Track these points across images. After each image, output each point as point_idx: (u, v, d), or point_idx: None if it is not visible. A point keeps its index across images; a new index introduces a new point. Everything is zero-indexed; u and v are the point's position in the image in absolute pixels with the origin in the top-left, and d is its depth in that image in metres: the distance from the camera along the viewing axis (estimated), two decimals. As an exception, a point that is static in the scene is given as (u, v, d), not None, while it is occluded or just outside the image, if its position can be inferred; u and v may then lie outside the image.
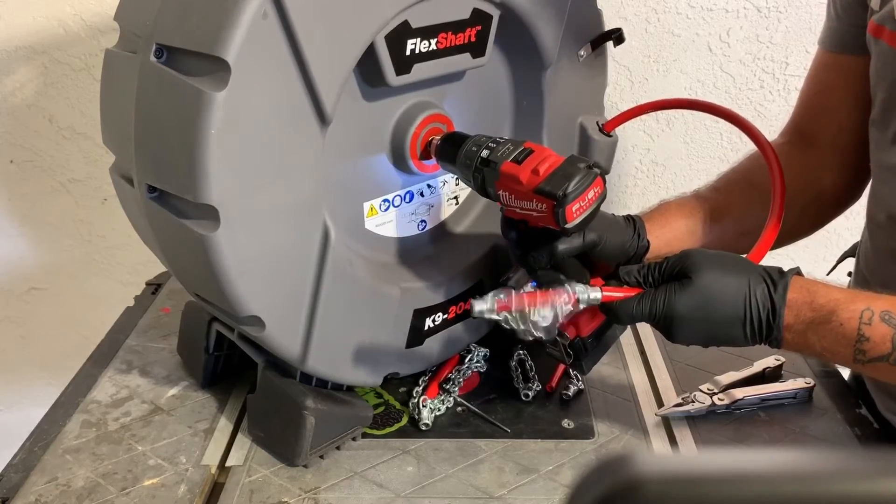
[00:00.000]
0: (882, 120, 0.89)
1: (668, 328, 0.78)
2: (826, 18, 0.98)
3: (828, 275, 1.06)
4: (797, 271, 0.78)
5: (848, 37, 0.94)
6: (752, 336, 0.76)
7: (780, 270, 0.77)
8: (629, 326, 1.11)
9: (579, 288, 0.77)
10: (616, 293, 0.79)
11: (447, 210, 1.02)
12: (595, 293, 0.77)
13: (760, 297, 0.75)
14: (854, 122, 0.95)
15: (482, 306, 0.76)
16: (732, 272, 0.76)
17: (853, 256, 1.05)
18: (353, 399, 0.95)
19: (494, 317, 0.76)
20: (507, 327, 0.78)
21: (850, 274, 1.06)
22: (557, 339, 0.86)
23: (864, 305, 0.73)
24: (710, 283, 0.76)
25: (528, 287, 0.81)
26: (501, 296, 0.76)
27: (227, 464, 0.90)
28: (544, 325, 0.77)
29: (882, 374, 0.75)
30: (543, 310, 0.77)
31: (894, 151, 0.87)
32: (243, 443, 0.93)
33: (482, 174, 0.84)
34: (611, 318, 0.82)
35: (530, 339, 0.78)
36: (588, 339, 0.86)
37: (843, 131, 0.98)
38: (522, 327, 0.77)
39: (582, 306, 0.77)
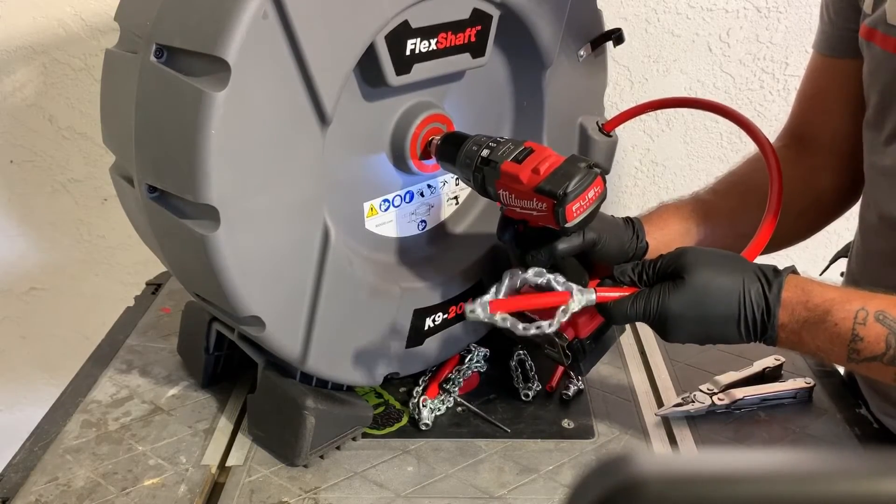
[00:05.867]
0: (875, 122, 0.89)
1: (662, 327, 0.78)
2: (819, 22, 0.99)
3: (821, 275, 1.06)
4: (792, 270, 0.78)
5: (841, 40, 0.94)
6: (746, 335, 0.76)
7: (774, 269, 0.77)
8: (629, 327, 1.11)
9: (574, 289, 0.77)
10: (611, 293, 0.79)
11: (447, 210, 1.02)
12: (590, 295, 0.77)
13: (755, 296, 0.75)
14: (850, 125, 0.96)
15: (475, 308, 0.74)
16: (726, 271, 0.76)
17: (846, 256, 1.05)
18: (353, 399, 0.95)
19: (489, 320, 0.75)
20: (503, 327, 0.77)
21: (842, 274, 1.06)
22: (556, 340, 0.86)
23: (858, 305, 0.73)
24: (705, 283, 0.75)
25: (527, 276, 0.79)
26: (494, 296, 0.76)
27: (228, 464, 0.90)
28: (536, 332, 0.77)
29: (876, 373, 0.75)
30: (540, 322, 0.76)
31: (887, 154, 0.87)
32: (243, 443, 0.93)
33: (482, 173, 0.84)
34: (606, 318, 0.82)
35: (530, 334, 0.78)
36: (587, 341, 0.86)
37: (839, 134, 0.98)
38: (521, 327, 0.77)
39: (577, 307, 0.77)
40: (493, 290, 0.76)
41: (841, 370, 1.06)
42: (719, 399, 0.97)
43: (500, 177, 0.82)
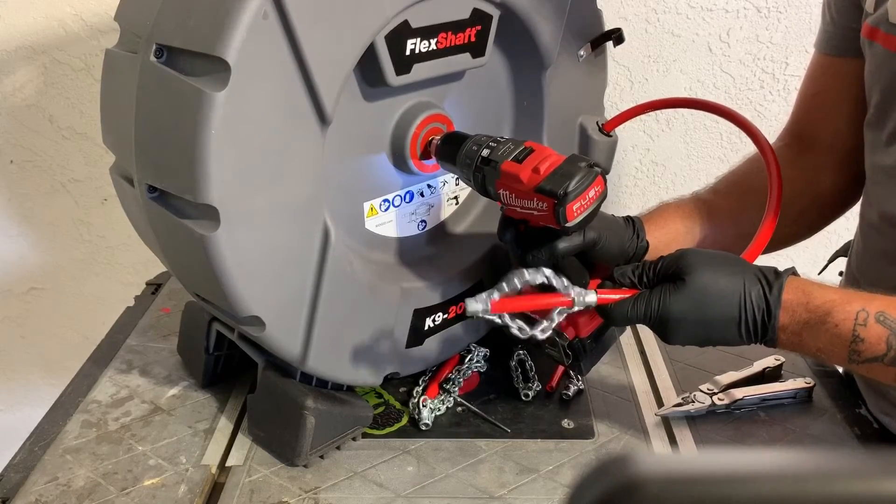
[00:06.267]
0: (877, 121, 0.89)
1: (663, 329, 0.78)
2: (821, 21, 0.99)
3: (819, 274, 1.06)
4: (793, 271, 0.78)
5: (843, 40, 0.94)
6: (747, 337, 0.76)
7: (775, 271, 0.77)
8: (629, 327, 1.11)
9: (574, 291, 0.77)
10: (611, 295, 0.79)
11: (447, 210, 1.02)
12: (590, 296, 0.77)
13: (755, 298, 0.75)
14: (851, 124, 0.96)
15: (476, 306, 0.75)
16: (727, 273, 0.76)
17: (845, 256, 1.05)
18: (353, 399, 0.95)
19: (488, 317, 0.76)
20: (502, 325, 0.77)
21: (841, 273, 1.06)
22: (556, 339, 0.86)
23: (859, 306, 0.73)
24: (705, 285, 0.75)
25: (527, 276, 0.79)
26: (495, 295, 0.76)
27: (228, 464, 0.90)
28: (535, 332, 0.77)
29: (876, 374, 0.75)
30: (536, 325, 0.76)
31: (889, 153, 0.87)
32: (243, 443, 0.93)
33: (483, 173, 0.84)
34: (606, 319, 0.82)
35: (525, 337, 0.78)
36: (587, 340, 0.86)
37: (840, 133, 0.98)
38: (516, 327, 0.77)
39: (577, 309, 0.77)
40: (495, 288, 0.76)
41: (840, 370, 1.06)
42: (719, 399, 0.97)
43: (501, 176, 0.82)
